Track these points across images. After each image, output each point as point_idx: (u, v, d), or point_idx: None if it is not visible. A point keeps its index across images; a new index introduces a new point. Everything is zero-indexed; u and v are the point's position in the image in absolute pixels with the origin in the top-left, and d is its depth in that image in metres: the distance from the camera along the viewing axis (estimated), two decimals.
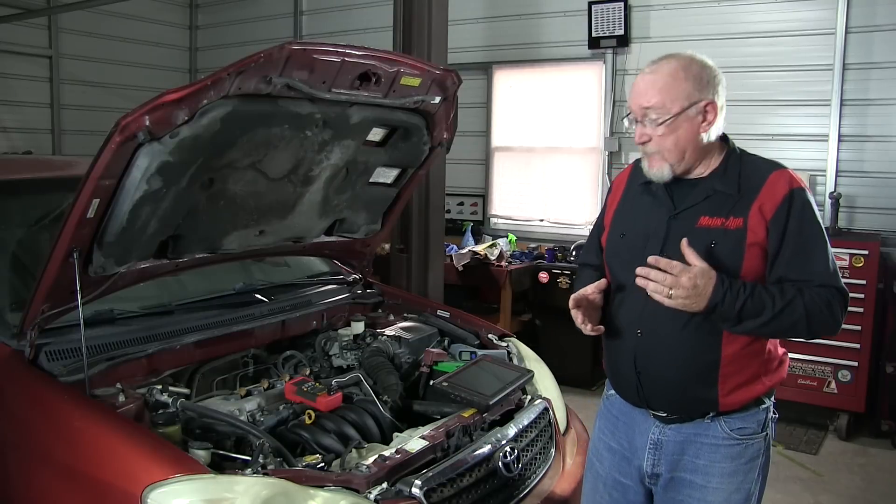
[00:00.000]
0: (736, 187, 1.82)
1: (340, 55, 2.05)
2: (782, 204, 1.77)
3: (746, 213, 1.78)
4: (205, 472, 1.76)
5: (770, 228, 1.77)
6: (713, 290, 1.72)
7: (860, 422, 4.73)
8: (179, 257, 2.31)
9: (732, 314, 1.73)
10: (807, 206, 1.79)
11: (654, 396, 1.89)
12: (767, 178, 1.80)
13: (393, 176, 2.73)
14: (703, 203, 1.83)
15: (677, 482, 1.89)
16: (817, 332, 1.80)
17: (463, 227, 6.40)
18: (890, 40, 4.93)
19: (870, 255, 4.54)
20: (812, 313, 1.74)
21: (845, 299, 1.79)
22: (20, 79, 7.10)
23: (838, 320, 1.79)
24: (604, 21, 5.79)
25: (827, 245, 1.79)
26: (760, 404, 1.89)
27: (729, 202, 1.81)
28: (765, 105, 5.34)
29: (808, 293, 1.75)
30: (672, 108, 1.78)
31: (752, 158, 1.89)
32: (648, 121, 1.81)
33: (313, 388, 2.23)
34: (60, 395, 1.98)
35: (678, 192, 1.88)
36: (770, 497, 3.86)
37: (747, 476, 1.87)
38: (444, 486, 1.97)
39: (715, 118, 1.81)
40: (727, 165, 1.86)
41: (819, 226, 1.80)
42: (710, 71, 1.82)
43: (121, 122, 1.80)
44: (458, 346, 2.77)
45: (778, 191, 1.78)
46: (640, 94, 1.82)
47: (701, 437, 1.86)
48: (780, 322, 1.74)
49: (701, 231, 1.81)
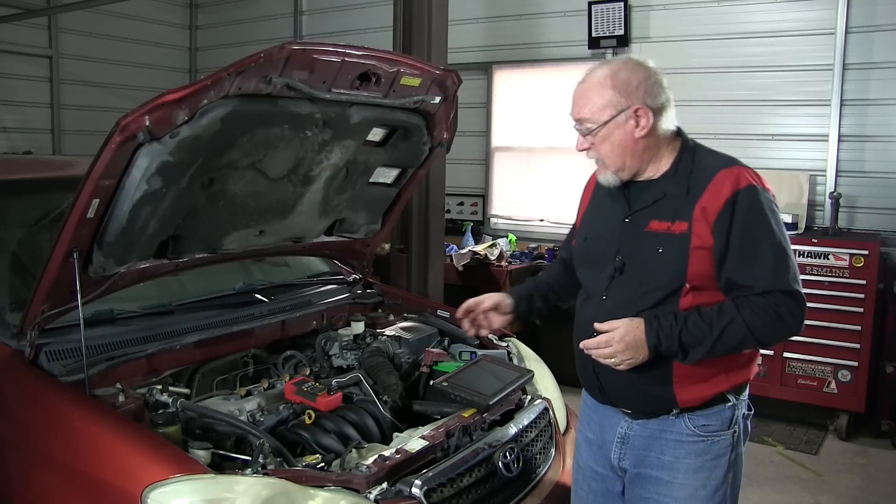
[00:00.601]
0: (685, 189, 1.80)
1: (340, 55, 2.05)
2: (725, 206, 1.74)
3: (690, 217, 1.77)
4: (205, 472, 1.76)
5: (714, 232, 1.75)
6: (646, 336, 1.74)
7: (860, 422, 4.73)
8: (179, 257, 2.31)
9: (675, 349, 1.75)
10: (754, 207, 1.75)
11: (615, 395, 1.93)
12: (713, 178, 1.77)
13: (393, 176, 2.73)
14: (653, 206, 1.84)
15: (643, 478, 1.91)
16: (769, 342, 1.80)
17: (463, 227, 6.40)
18: (890, 40, 4.93)
19: (870, 255, 4.54)
20: (756, 328, 1.72)
21: (797, 301, 1.73)
22: (20, 79, 7.10)
23: (790, 326, 1.74)
24: (604, 21, 5.79)
25: (776, 246, 1.74)
26: (725, 402, 1.88)
27: (676, 204, 1.80)
28: (765, 105, 5.34)
29: (747, 307, 1.72)
30: (600, 117, 1.81)
31: (704, 156, 1.86)
32: (584, 130, 1.84)
33: (313, 388, 2.23)
34: (60, 395, 1.98)
35: (634, 194, 1.89)
36: (770, 497, 3.87)
37: (713, 472, 1.87)
38: (444, 486, 1.97)
39: (649, 122, 1.80)
40: (678, 165, 1.84)
41: (768, 226, 1.75)
42: (641, 74, 1.81)
43: (121, 122, 1.80)
44: (458, 346, 2.77)
45: (722, 192, 1.75)
46: (573, 106, 1.86)
47: (666, 434, 1.88)
48: (724, 343, 1.73)
49: (649, 235, 1.82)
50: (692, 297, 1.79)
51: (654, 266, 1.80)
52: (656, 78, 1.83)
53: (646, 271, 1.82)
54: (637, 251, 1.84)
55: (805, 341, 4.70)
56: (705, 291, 1.79)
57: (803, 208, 5.06)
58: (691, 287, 1.79)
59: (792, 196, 5.11)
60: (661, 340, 1.74)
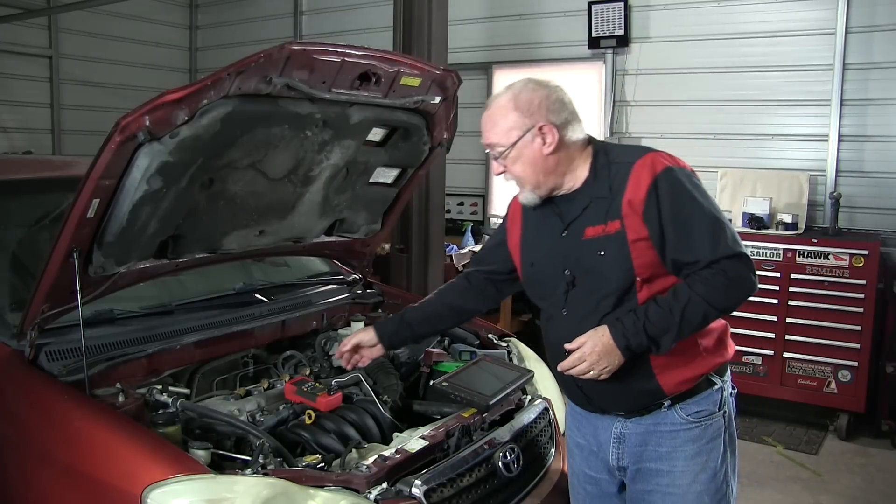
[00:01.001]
0: (607, 189, 1.85)
1: (340, 55, 2.04)
2: (648, 194, 1.79)
3: (620, 213, 1.81)
4: (205, 472, 1.76)
5: (646, 222, 1.79)
6: (614, 340, 1.78)
7: (860, 422, 4.73)
8: (179, 257, 2.31)
9: (645, 342, 1.78)
10: (675, 186, 1.79)
11: (604, 403, 1.96)
12: (631, 171, 1.82)
13: (393, 176, 2.73)
14: (583, 214, 1.88)
15: (644, 473, 1.94)
16: (733, 306, 1.82)
17: (463, 227, 6.40)
18: (890, 40, 4.93)
19: (870, 255, 4.54)
20: (713, 299, 1.76)
21: (743, 261, 1.78)
22: (20, 79, 7.10)
23: (747, 285, 1.79)
24: (604, 21, 5.79)
25: (706, 216, 1.78)
26: (712, 385, 1.92)
27: (604, 206, 1.85)
28: (765, 105, 5.34)
29: (699, 282, 1.76)
30: (508, 139, 1.86)
31: (617, 154, 1.91)
32: (496, 154, 1.89)
33: (313, 388, 2.23)
34: (60, 395, 1.98)
35: (563, 208, 1.93)
36: (770, 497, 3.87)
37: (711, 455, 1.91)
38: (444, 486, 1.97)
39: (555, 137, 1.85)
40: (596, 170, 1.89)
41: (694, 200, 1.79)
42: (541, 93, 1.87)
43: (121, 122, 1.80)
44: (458, 346, 2.76)
45: (642, 182, 1.80)
46: (483, 133, 1.92)
47: (660, 426, 1.91)
48: (689, 323, 1.77)
49: (588, 243, 1.86)
50: (647, 290, 1.83)
51: (601, 270, 1.84)
52: (557, 95, 1.89)
53: (595, 278, 1.86)
54: (582, 261, 1.88)
55: (805, 341, 4.71)
56: (657, 279, 1.84)
57: (803, 208, 5.06)
58: (643, 280, 1.83)
59: (792, 196, 5.11)
60: (630, 339, 1.78)
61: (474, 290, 2.25)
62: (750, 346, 4.86)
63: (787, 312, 4.75)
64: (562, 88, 1.91)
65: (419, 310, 2.30)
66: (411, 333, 2.28)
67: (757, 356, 4.86)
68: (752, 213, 5.04)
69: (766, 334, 4.81)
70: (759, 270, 5.12)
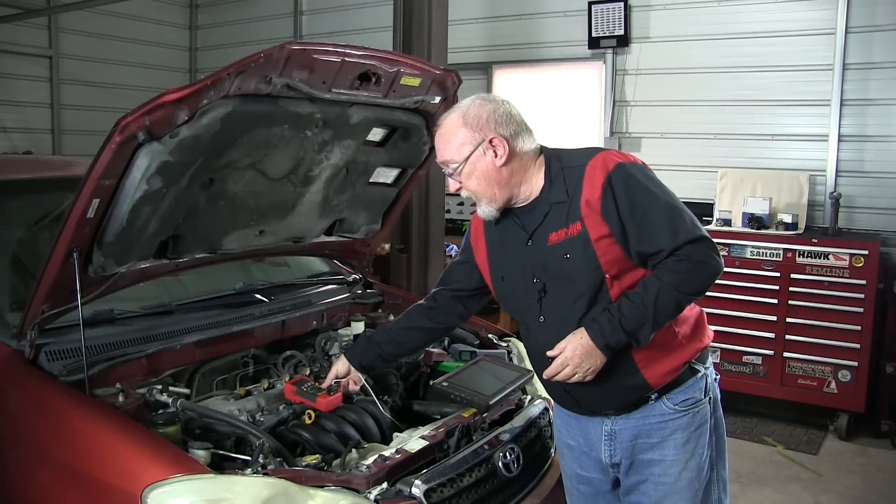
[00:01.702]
0: (565, 193, 1.88)
1: (340, 55, 2.04)
2: (604, 192, 1.82)
3: (580, 214, 1.84)
4: (205, 472, 1.76)
5: (605, 219, 1.82)
6: (593, 341, 1.81)
7: (860, 422, 4.73)
8: (179, 257, 2.31)
9: (624, 338, 1.80)
10: (629, 181, 1.82)
11: (593, 404, 1.98)
12: (584, 172, 1.86)
13: (393, 176, 2.73)
14: (545, 221, 1.91)
15: (637, 465, 1.97)
16: (703, 289, 1.84)
17: (463, 227, 6.38)
18: (890, 40, 4.93)
19: (870, 255, 4.54)
20: (682, 284, 1.79)
21: (704, 242, 1.81)
22: (20, 79, 7.10)
23: (711, 266, 1.81)
24: (604, 21, 5.79)
25: (663, 206, 1.81)
26: (696, 373, 1.95)
27: (564, 210, 1.88)
28: (765, 105, 5.34)
29: (666, 272, 1.79)
30: (460, 155, 1.90)
31: (568, 158, 1.94)
32: (451, 171, 1.92)
33: (313, 389, 2.23)
34: (60, 395, 1.98)
35: (525, 218, 1.96)
36: (770, 497, 3.87)
37: (699, 441, 1.95)
38: (444, 486, 1.97)
39: (506, 149, 1.88)
40: (551, 176, 1.92)
41: (649, 192, 1.82)
42: (489, 108, 1.90)
43: (121, 122, 1.80)
44: (458, 346, 2.76)
45: (595, 180, 1.83)
46: (437, 152, 1.95)
47: (650, 418, 1.94)
48: (663, 312, 1.80)
49: (553, 248, 1.89)
50: (618, 286, 1.86)
51: (569, 273, 1.87)
52: (504, 108, 1.92)
53: (564, 281, 1.88)
54: (549, 267, 1.90)
55: (805, 341, 4.71)
56: (626, 274, 1.86)
57: (803, 208, 5.06)
58: (612, 277, 1.85)
59: (792, 196, 5.11)
60: (608, 337, 1.80)
61: (441, 310, 2.27)
62: (750, 346, 4.86)
63: (787, 312, 4.75)
64: (509, 102, 1.95)
65: (385, 331, 2.35)
66: (379, 352, 2.29)
67: (757, 356, 4.86)
68: (752, 213, 5.04)
69: (766, 334, 4.81)
70: (759, 270, 5.13)
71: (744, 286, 4.84)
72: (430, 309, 2.29)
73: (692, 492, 1.96)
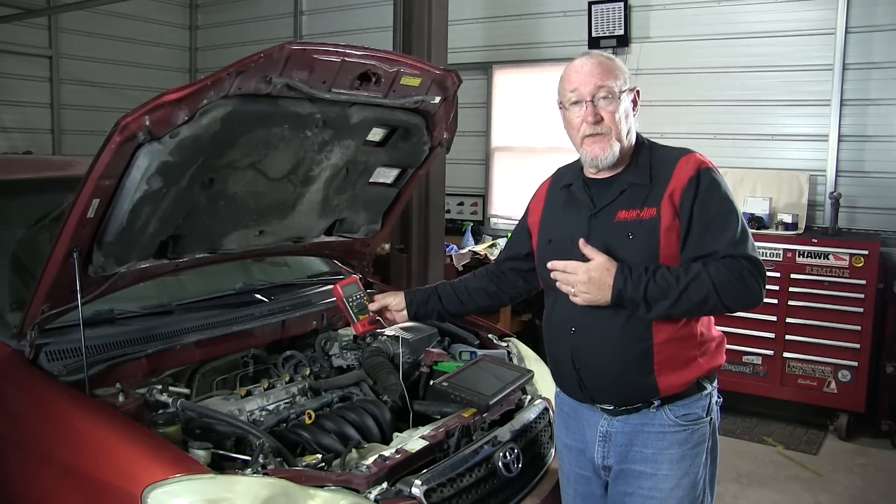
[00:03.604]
0: (648, 178, 1.90)
1: (340, 55, 2.04)
2: (688, 186, 1.84)
3: (659, 202, 1.85)
4: (205, 472, 1.76)
5: (680, 211, 1.84)
6: (613, 280, 1.80)
7: (860, 422, 4.73)
8: (179, 257, 2.31)
9: (639, 298, 1.79)
10: (713, 185, 1.85)
11: (596, 391, 1.95)
12: (676, 164, 1.87)
13: (393, 176, 2.73)
14: (619, 198, 1.91)
15: (627, 474, 1.94)
16: (734, 305, 1.83)
17: (463, 227, 6.40)
18: (890, 40, 4.93)
19: (870, 255, 4.54)
20: (721, 284, 1.77)
21: (758, 268, 1.81)
22: (20, 79, 7.10)
23: (754, 291, 1.80)
24: (604, 21, 5.79)
25: (736, 219, 1.84)
26: (702, 390, 1.93)
27: (643, 193, 1.88)
28: (765, 105, 5.35)
29: (713, 266, 1.79)
30: (622, 86, 1.91)
31: (661, 148, 1.98)
32: (600, 99, 1.89)
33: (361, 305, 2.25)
34: (60, 395, 1.98)
35: (597, 192, 1.96)
36: (770, 497, 3.87)
37: (695, 461, 1.92)
38: (444, 486, 1.97)
39: (638, 106, 1.96)
40: (638, 159, 1.94)
41: (728, 201, 1.85)
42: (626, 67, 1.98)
43: (121, 122, 1.80)
44: (458, 346, 2.77)
45: (685, 174, 1.85)
46: (592, 75, 1.90)
47: (648, 427, 1.91)
48: (689, 299, 1.78)
49: (619, 225, 1.88)
50: None
51: (627, 252, 1.86)
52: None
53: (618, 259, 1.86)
54: (607, 241, 1.88)
55: (805, 341, 4.71)
56: None
57: (803, 208, 5.06)
58: None
59: (792, 196, 5.11)
60: (627, 287, 1.79)
61: (505, 279, 2.26)
62: (750, 346, 4.86)
63: (787, 312, 4.75)
64: None
65: (451, 286, 2.32)
66: (440, 307, 2.28)
67: (757, 356, 4.86)
68: (752, 213, 5.04)
69: (766, 334, 4.81)
70: None
71: None
72: (495, 275, 2.28)
73: None
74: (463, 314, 2.39)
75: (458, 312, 2.35)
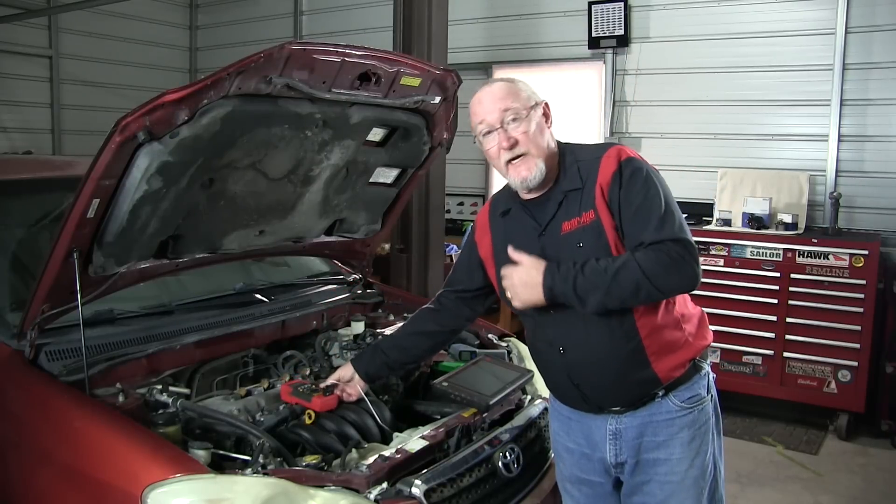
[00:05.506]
0: (579, 180, 1.91)
1: (340, 55, 2.05)
2: (613, 180, 1.86)
3: (594, 203, 1.87)
4: (205, 472, 1.75)
5: (610, 207, 1.86)
6: (542, 279, 1.82)
7: (860, 422, 4.73)
8: (179, 257, 2.31)
9: (570, 293, 1.80)
10: (635, 174, 1.86)
11: (601, 399, 1.96)
12: (600, 161, 1.89)
13: (393, 176, 2.73)
14: (559, 211, 1.93)
15: (643, 464, 1.96)
16: (668, 288, 1.83)
17: (463, 227, 6.39)
18: (890, 40, 4.93)
19: (870, 255, 4.54)
20: (649, 269, 1.77)
21: (686, 248, 1.80)
22: (20, 79, 7.10)
23: (687, 272, 1.80)
24: (604, 21, 5.80)
25: (660, 203, 1.83)
26: (699, 370, 1.97)
27: (578, 198, 1.90)
28: (765, 105, 5.35)
29: (640, 252, 1.79)
30: (527, 104, 1.92)
31: (583, 148, 2.00)
32: (509, 122, 1.90)
33: (308, 389, 2.23)
34: (60, 395, 1.98)
35: (537, 211, 1.97)
36: (770, 497, 3.87)
37: (704, 439, 1.96)
38: (444, 486, 1.97)
39: (551, 119, 1.98)
40: (565, 165, 1.95)
41: (651, 187, 1.85)
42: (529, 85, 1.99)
43: (121, 122, 1.81)
44: (458, 346, 2.76)
45: (608, 169, 1.87)
46: (494, 102, 1.92)
47: (656, 416, 1.93)
48: (620, 287, 1.78)
49: (566, 237, 1.90)
50: None
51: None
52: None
53: None
54: (560, 255, 1.88)
55: (805, 341, 4.71)
56: None
57: (803, 208, 5.06)
58: None
59: (792, 196, 5.11)
60: (556, 283, 1.81)
61: (446, 312, 2.27)
62: (750, 346, 4.86)
63: (787, 312, 4.75)
64: None
65: (392, 336, 2.34)
66: (385, 360, 2.27)
67: (757, 356, 4.86)
68: (752, 213, 5.04)
69: (766, 334, 4.81)
70: (758, 270, 5.12)
71: (744, 286, 4.84)
72: (434, 312, 2.29)
73: (698, 490, 1.95)
74: (410, 362, 2.39)
75: (405, 360, 2.33)
